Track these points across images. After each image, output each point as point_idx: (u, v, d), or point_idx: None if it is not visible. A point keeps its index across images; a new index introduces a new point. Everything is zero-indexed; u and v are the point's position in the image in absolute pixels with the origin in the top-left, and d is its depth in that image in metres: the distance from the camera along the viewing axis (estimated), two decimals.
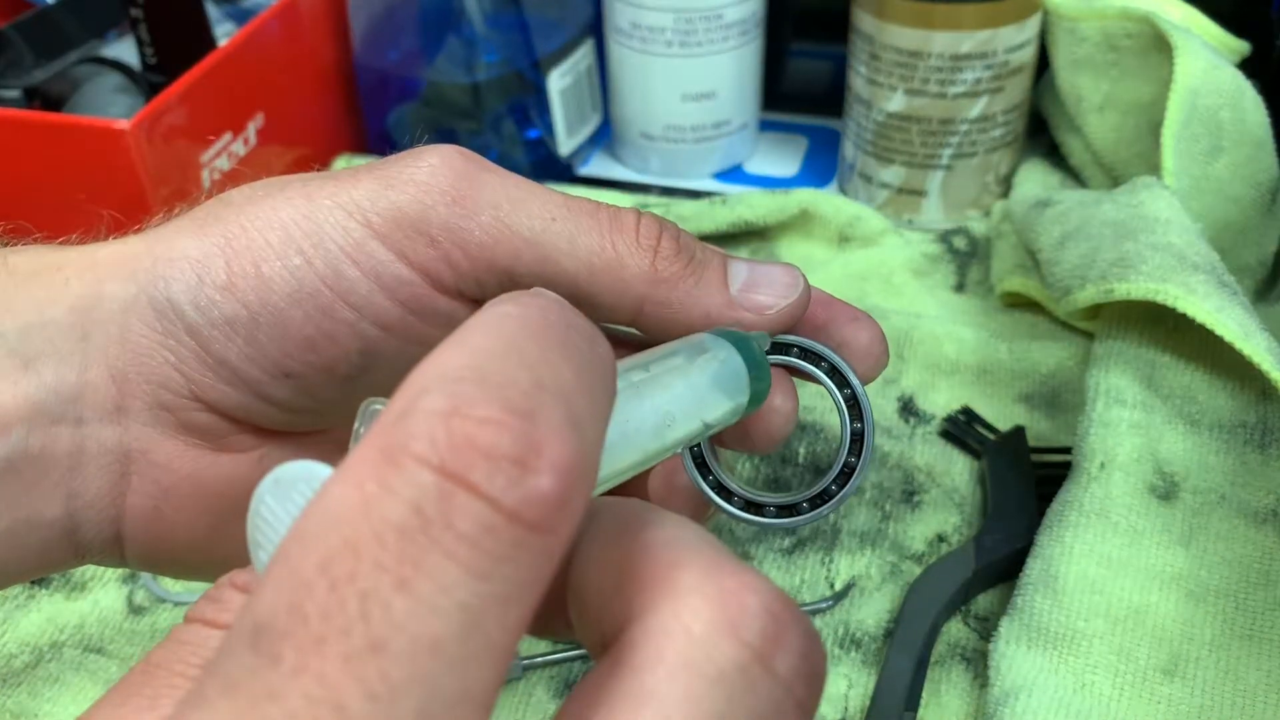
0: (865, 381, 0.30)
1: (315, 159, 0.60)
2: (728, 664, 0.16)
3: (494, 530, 0.14)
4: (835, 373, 0.30)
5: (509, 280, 0.28)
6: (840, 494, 0.30)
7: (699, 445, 0.30)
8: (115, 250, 0.27)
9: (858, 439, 0.30)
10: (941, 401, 0.47)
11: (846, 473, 0.30)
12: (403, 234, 0.27)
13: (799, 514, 0.30)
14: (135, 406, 0.26)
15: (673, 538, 0.17)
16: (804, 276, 0.29)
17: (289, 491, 0.17)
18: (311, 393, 0.27)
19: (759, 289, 0.29)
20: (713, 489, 0.30)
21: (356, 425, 0.21)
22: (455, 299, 0.28)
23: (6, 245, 0.27)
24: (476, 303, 0.28)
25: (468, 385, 0.15)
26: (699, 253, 0.29)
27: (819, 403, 0.46)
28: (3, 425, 0.25)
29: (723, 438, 0.30)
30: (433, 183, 0.27)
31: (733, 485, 0.30)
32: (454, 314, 0.28)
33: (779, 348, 0.30)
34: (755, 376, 0.27)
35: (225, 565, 0.19)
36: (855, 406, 0.30)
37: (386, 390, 0.17)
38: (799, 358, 0.30)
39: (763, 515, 0.30)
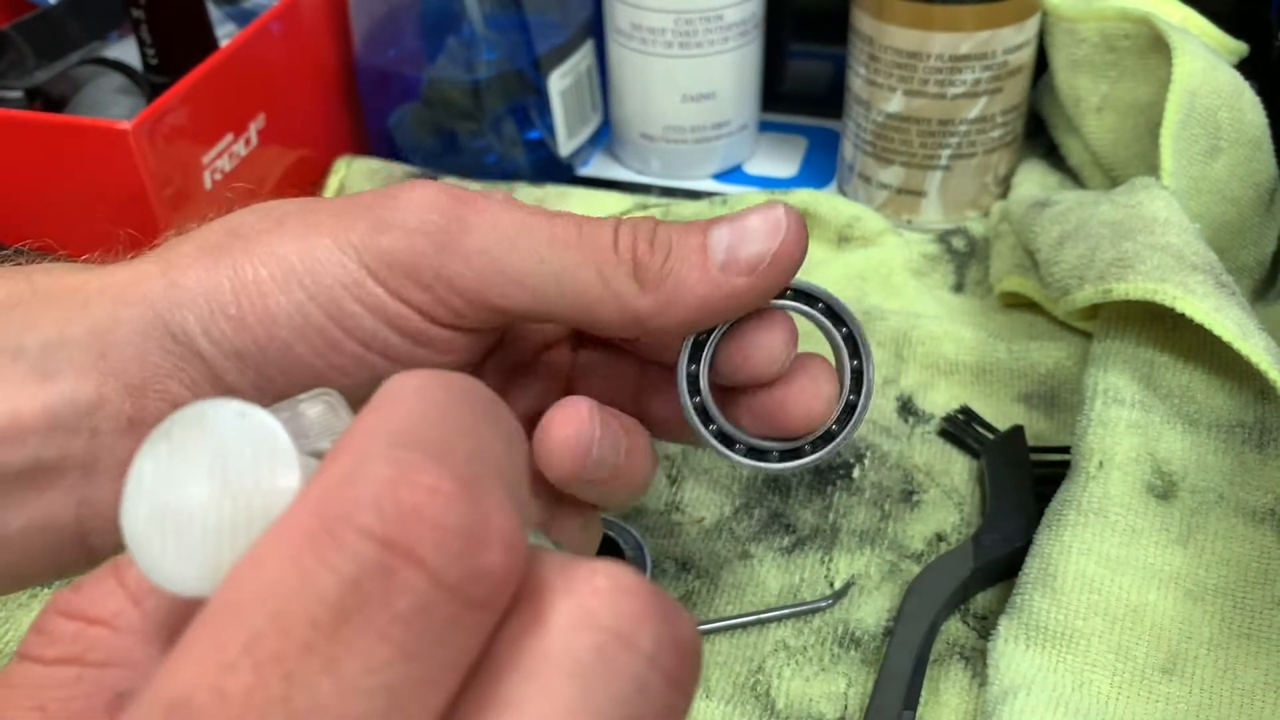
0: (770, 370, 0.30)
1: (317, 160, 0.60)
2: (584, 653, 0.15)
3: (431, 607, 0.14)
4: (831, 313, 0.30)
5: (504, 316, 0.28)
6: (842, 433, 0.29)
7: (700, 395, 0.30)
8: (131, 275, 0.27)
9: (857, 376, 0.30)
10: (940, 401, 0.47)
11: (848, 411, 0.30)
12: (396, 279, 0.27)
13: (802, 456, 0.30)
14: (149, 421, 0.27)
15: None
16: (785, 210, 0.28)
17: (237, 437, 0.16)
18: None
19: (742, 247, 0.28)
20: (716, 437, 0.30)
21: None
22: (455, 331, 0.28)
23: (31, 261, 0.28)
24: (475, 332, 0.29)
25: (412, 452, 0.14)
26: (676, 244, 0.28)
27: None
28: (21, 434, 0.25)
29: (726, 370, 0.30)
30: (421, 228, 0.27)
31: (735, 433, 0.30)
32: (454, 342, 0.29)
33: None
34: None
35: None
36: (853, 344, 0.30)
37: None
38: (791, 299, 0.30)
39: (766, 460, 0.30)
